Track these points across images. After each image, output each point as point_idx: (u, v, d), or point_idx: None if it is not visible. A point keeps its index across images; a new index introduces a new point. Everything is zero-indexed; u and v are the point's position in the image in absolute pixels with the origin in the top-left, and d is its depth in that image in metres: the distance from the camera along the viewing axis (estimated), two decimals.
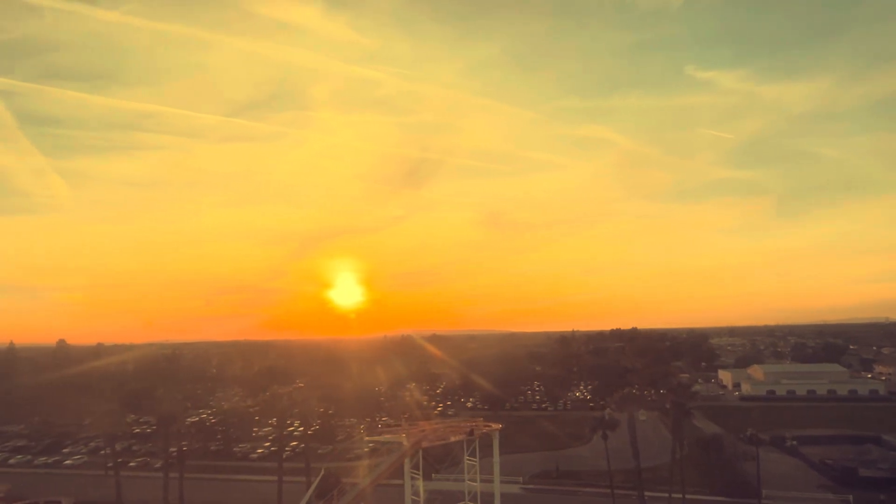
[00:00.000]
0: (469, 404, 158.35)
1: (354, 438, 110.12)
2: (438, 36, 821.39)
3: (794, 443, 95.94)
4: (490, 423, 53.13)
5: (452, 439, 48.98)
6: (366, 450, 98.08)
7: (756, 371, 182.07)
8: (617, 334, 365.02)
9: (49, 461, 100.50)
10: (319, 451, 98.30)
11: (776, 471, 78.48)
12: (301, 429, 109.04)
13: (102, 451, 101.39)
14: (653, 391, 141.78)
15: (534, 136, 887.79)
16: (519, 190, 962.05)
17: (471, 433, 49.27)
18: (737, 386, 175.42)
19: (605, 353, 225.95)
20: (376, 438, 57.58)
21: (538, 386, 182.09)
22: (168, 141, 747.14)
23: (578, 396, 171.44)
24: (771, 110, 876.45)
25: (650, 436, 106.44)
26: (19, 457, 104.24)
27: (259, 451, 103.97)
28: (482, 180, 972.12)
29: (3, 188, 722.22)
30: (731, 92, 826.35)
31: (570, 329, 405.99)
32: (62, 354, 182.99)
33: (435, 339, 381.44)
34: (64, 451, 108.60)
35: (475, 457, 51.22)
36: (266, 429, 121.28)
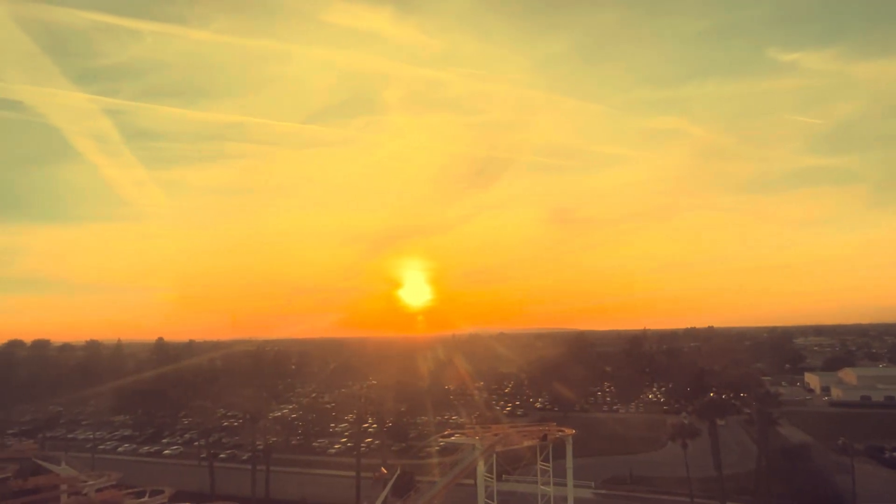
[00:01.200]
0: (538, 404, 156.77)
1: (426, 437, 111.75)
2: (506, 34, 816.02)
3: (894, 454, 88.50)
4: (563, 429, 52.50)
5: (525, 444, 48.82)
6: (436, 448, 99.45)
7: (848, 374, 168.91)
8: (691, 333, 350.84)
9: (151, 450, 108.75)
10: (393, 448, 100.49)
11: (871, 485, 72.73)
12: (375, 426, 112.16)
13: (196, 443, 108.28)
14: (732, 395, 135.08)
15: (603, 129, 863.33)
16: (588, 186, 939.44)
17: (544, 439, 48.91)
18: (825, 390, 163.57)
19: (679, 354, 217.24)
20: (449, 441, 58.20)
21: (608, 387, 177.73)
22: (251, 149, 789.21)
23: (651, 399, 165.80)
24: (865, 91, 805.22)
25: (729, 442, 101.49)
26: (126, 445, 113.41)
27: (336, 446, 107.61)
28: (550, 177, 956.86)
29: (110, 198, 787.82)
30: (818, 73, 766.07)
31: (640, 328, 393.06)
32: (161, 351, 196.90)
33: (502, 338, 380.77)
34: (163, 441, 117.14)
35: (547, 460, 50.83)
36: (342, 425, 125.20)
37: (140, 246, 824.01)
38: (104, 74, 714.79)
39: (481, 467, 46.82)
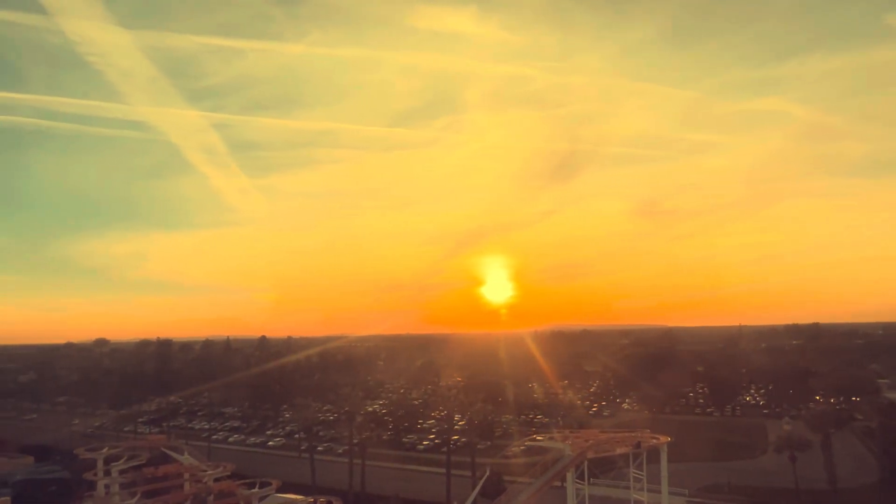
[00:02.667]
0: (625, 405, 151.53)
1: (511, 435, 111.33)
2: (589, 24, 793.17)
3: None
4: (657, 436, 50.48)
5: (618, 451, 47.39)
6: (522, 448, 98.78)
7: None
8: (794, 330, 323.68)
9: (257, 441, 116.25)
10: (479, 447, 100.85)
11: None
12: (461, 423, 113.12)
13: (296, 436, 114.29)
14: (842, 400, 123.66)
15: (694, 115, 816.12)
16: (677, 175, 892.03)
17: (638, 446, 47.26)
18: None
19: (779, 353, 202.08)
20: (538, 443, 57.63)
21: (701, 388, 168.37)
22: (341, 154, 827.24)
23: (749, 402, 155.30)
24: None
25: (838, 450, 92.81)
26: (236, 436, 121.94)
27: (425, 442, 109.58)
28: (636, 168, 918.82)
29: (218, 206, 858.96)
30: None
31: (735, 324, 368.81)
32: (264, 348, 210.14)
33: (586, 335, 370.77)
34: (267, 432, 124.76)
35: (640, 466, 49.09)
36: (430, 421, 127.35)
37: (243, 249, 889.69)
38: (212, 92, 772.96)
39: (571, 473, 46.04)
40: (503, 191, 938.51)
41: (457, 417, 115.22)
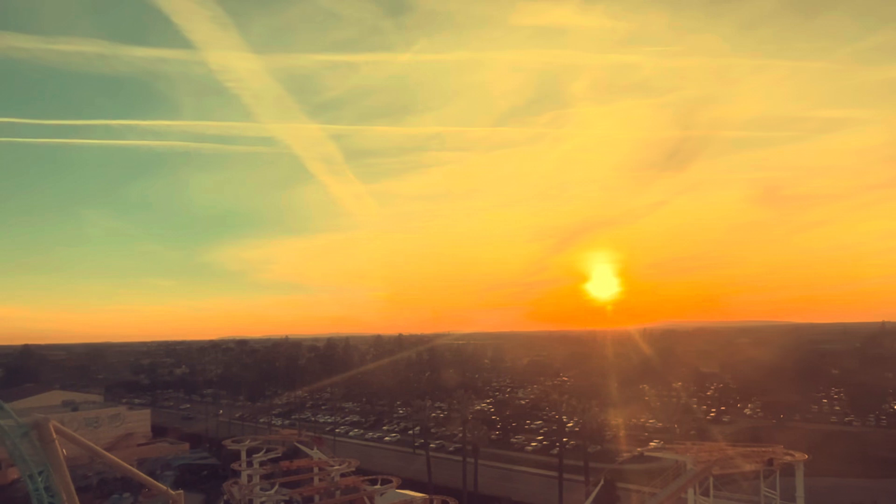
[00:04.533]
0: (747, 411, 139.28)
1: (622, 440, 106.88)
2: (699, 1, 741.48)
3: None
4: (793, 452, 45.81)
5: (747, 468, 43.59)
6: (637, 456, 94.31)
7: None
8: None
9: (374, 437, 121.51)
10: (589, 451, 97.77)
11: None
12: (570, 425, 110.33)
13: (409, 432, 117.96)
14: None
15: (824, 89, 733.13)
16: (804, 157, 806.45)
17: (770, 464, 43.16)
18: None
19: None
20: (657, 454, 54.72)
21: (837, 393, 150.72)
22: (448, 157, 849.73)
23: None
24: None
25: None
26: (355, 431, 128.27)
27: (533, 444, 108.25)
28: (757, 152, 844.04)
29: (335, 212, 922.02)
30: None
31: (877, 321, 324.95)
32: (378, 346, 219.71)
33: (701, 332, 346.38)
34: (383, 428, 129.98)
35: (772, 484, 44.74)
36: (537, 422, 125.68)
37: (358, 252, 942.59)
38: (329, 105, 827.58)
39: (694, 488, 43.13)
40: (609, 184, 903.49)
41: (565, 419, 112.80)
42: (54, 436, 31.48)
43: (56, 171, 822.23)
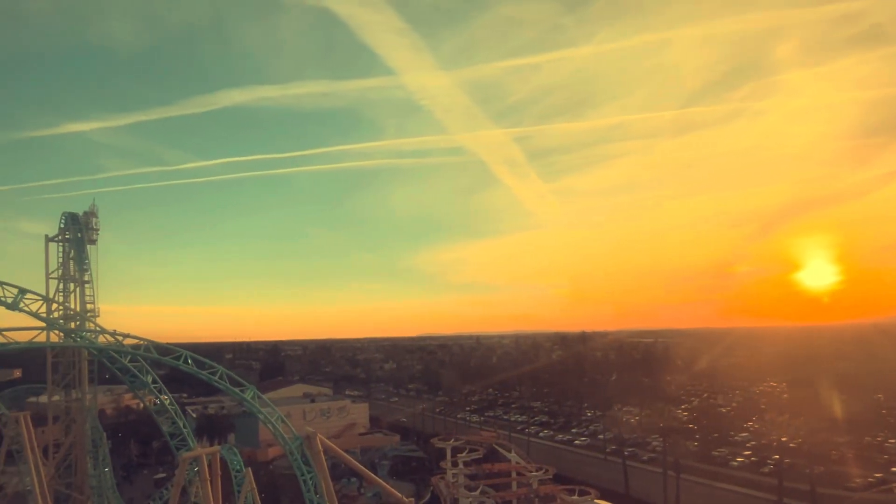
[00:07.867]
0: None
1: (851, 462, 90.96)
2: None
3: None
4: None
5: None
6: (869, 481, 79.73)
7: None
8: None
9: (564, 439, 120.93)
10: (805, 472, 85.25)
11: None
12: (784, 439, 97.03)
13: (600, 437, 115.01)
14: None
15: None
16: None
17: None
18: None
19: None
20: None
21: None
22: (631, 146, 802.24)
23: None
24: None
25: None
26: (545, 431, 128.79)
27: (739, 459, 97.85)
28: None
29: (519, 212, 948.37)
30: None
31: None
32: (564, 343, 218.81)
33: None
34: (573, 430, 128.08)
35: None
36: (742, 434, 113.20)
37: (541, 250, 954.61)
38: (512, 109, 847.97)
39: None
40: (823, 157, 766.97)
41: (777, 433, 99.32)
42: (320, 447, 38.96)
43: (290, 195, 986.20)
